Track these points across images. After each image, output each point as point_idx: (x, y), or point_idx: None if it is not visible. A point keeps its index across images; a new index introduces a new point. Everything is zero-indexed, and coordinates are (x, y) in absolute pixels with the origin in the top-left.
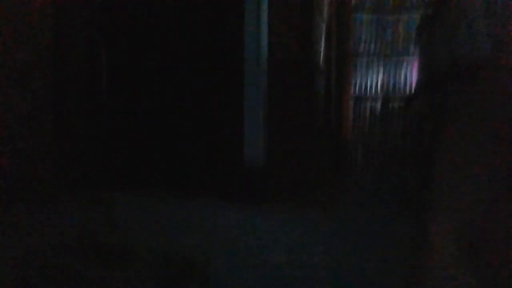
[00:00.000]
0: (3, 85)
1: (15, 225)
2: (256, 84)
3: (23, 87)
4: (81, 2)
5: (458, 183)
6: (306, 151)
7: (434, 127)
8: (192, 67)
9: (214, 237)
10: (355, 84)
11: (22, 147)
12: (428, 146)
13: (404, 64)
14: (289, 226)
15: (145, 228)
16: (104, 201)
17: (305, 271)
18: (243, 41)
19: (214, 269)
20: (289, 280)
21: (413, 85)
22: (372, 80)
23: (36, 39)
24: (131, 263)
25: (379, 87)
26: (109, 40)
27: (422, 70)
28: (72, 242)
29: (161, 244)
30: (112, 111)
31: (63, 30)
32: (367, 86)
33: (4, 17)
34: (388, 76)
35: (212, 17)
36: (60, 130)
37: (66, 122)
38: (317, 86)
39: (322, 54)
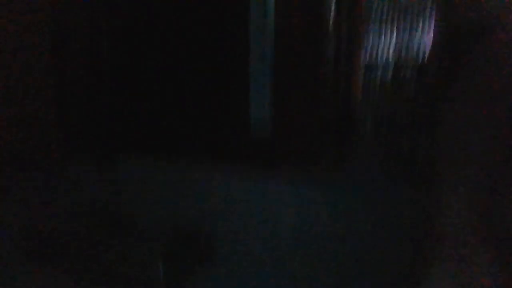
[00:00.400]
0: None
1: (19, 194)
2: (262, 50)
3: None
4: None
5: (468, 150)
6: (314, 119)
7: (447, 99)
8: (195, 32)
9: (220, 205)
10: (366, 50)
11: (25, 115)
12: (439, 118)
13: (419, 29)
14: (296, 193)
15: (151, 196)
16: (109, 168)
17: (312, 237)
18: (248, 6)
19: (221, 236)
20: (297, 246)
21: (427, 52)
22: (384, 46)
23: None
24: (136, 231)
25: (391, 54)
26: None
27: (438, 35)
28: (78, 210)
29: (166, 212)
30: (116, 77)
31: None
32: (378, 53)
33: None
34: (401, 42)
35: None
36: (63, 98)
37: (69, 89)
38: (326, 52)
39: (331, 18)
